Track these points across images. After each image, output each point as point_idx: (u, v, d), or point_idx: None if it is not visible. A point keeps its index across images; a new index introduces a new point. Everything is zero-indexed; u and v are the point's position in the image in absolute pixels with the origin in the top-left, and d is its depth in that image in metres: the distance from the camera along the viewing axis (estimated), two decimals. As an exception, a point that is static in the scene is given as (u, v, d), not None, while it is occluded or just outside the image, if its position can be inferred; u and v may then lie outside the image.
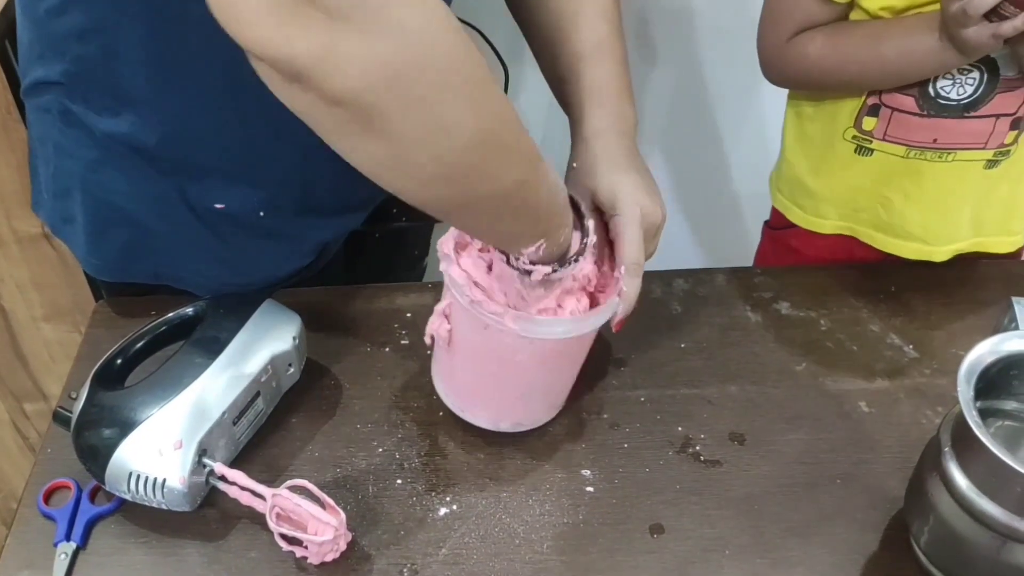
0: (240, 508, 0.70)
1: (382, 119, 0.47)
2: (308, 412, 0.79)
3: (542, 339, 0.67)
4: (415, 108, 0.47)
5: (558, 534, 0.70)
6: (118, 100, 0.73)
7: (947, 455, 0.61)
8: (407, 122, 0.48)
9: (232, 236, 0.81)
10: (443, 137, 0.49)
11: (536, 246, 0.62)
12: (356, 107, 0.46)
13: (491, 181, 0.54)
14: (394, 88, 0.46)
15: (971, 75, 0.79)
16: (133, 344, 0.75)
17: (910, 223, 0.89)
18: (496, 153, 0.53)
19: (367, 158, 0.51)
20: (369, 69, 0.45)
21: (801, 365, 0.84)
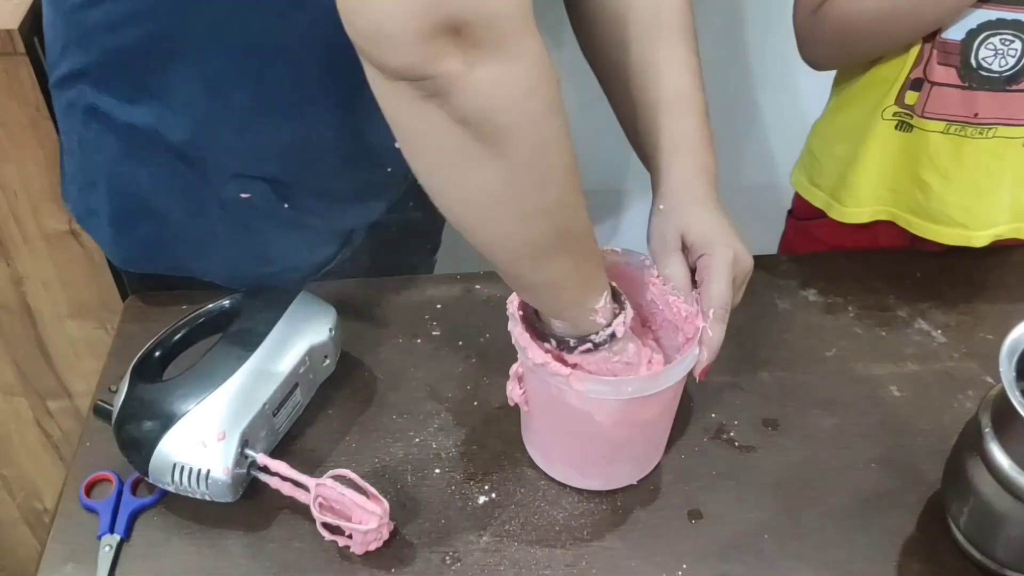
0: (281, 499, 0.70)
1: (504, 138, 0.52)
2: (344, 404, 0.79)
3: (615, 399, 0.65)
4: (532, 128, 0.52)
5: (597, 521, 0.71)
6: (145, 91, 0.73)
7: (988, 435, 0.61)
8: (524, 141, 0.52)
9: (257, 226, 0.81)
10: (550, 161, 0.54)
11: (603, 296, 0.63)
12: (483, 124, 0.51)
13: (576, 216, 0.58)
14: (520, 108, 0.51)
15: (1013, 45, 0.79)
16: (171, 337, 0.76)
17: (949, 206, 0.89)
18: (577, 186, 0.57)
19: (476, 189, 0.55)
20: (503, 87, 0.50)
21: (831, 351, 0.84)
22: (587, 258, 0.62)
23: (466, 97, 0.49)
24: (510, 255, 0.59)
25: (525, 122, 0.52)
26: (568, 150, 0.55)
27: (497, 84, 0.50)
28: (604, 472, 0.73)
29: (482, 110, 0.50)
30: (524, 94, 0.51)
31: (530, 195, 0.55)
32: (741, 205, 1.43)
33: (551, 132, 0.53)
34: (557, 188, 0.56)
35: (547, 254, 0.59)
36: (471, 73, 0.49)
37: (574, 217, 0.58)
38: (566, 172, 0.56)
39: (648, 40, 0.74)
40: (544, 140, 0.53)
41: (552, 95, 0.52)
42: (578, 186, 0.57)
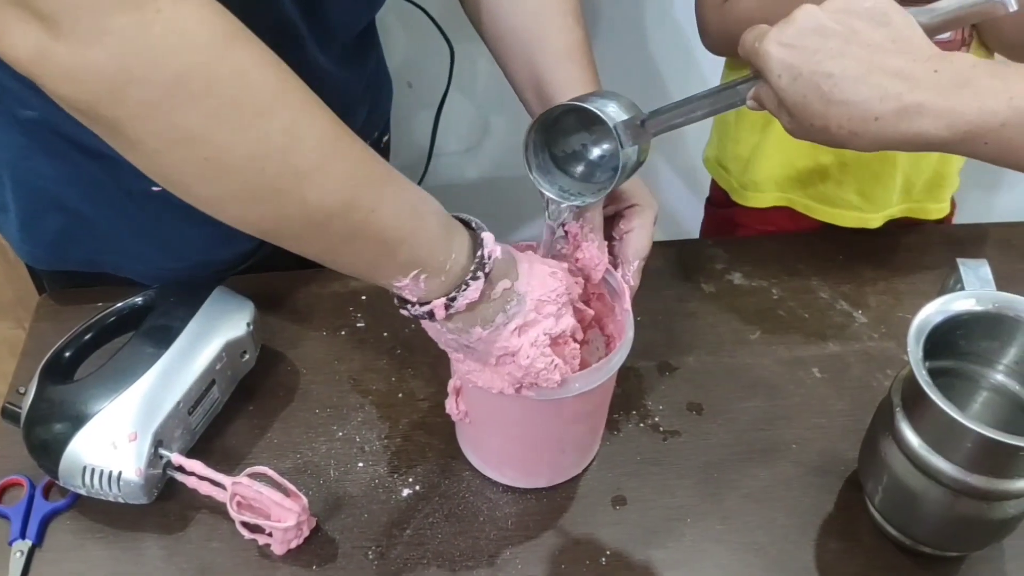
0: (199, 499, 0.69)
1: (123, 130, 0.45)
2: (265, 399, 0.78)
3: (558, 398, 0.62)
4: (150, 120, 0.45)
5: (522, 511, 0.71)
6: (27, 86, 0.71)
7: (899, 415, 0.62)
8: (147, 133, 0.46)
9: (169, 219, 0.79)
10: (195, 152, 0.47)
11: (411, 277, 0.56)
12: (92, 115, 0.45)
13: (295, 204, 0.50)
14: (120, 99, 0.44)
15: None
16: (81, 336, 0.74)
17: (847, 191, 0.90)
18: (287, 174, 0.49)
19: (142, 168, 0.49)
20: (84, 77, 0.43)
21: (755, 334, 0.85)
22: (348, 241, 0.54)
23: (50, 85, 0.43)
24: (239, 228, 0.53)
25: (135, 115, 0.44)
26: (242, 137, 0.47)
27: (75, 73, 0.42)
28: (550, 470, 0.72)
29: (74, 101, 0.43)
30: (118, 84, 0.42)
31: (196, 184, 0.49)
32: (662, 192, 1.45)
33: (187, 122, 0.45)
34: (235, 179, 0.48)
35: (270, 235, 0.53)
36: (43, 58, 0.41)
37: (294, 204, 0.50)
38: (248, 160, 0.47)
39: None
40: (179, 131, 0.45)
41: (175, 79, 0.43)
42: (292, 172, 0.49)
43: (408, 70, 1.31)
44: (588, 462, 0.74)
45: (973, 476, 0.59)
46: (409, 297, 0.58)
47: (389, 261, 0.55)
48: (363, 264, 0.56)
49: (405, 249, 0.55)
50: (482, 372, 0.62)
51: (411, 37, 1.27)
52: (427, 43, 0.99)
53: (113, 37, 0.42)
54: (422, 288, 0.57)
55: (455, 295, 0.57)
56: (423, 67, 1.27)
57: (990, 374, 0.66)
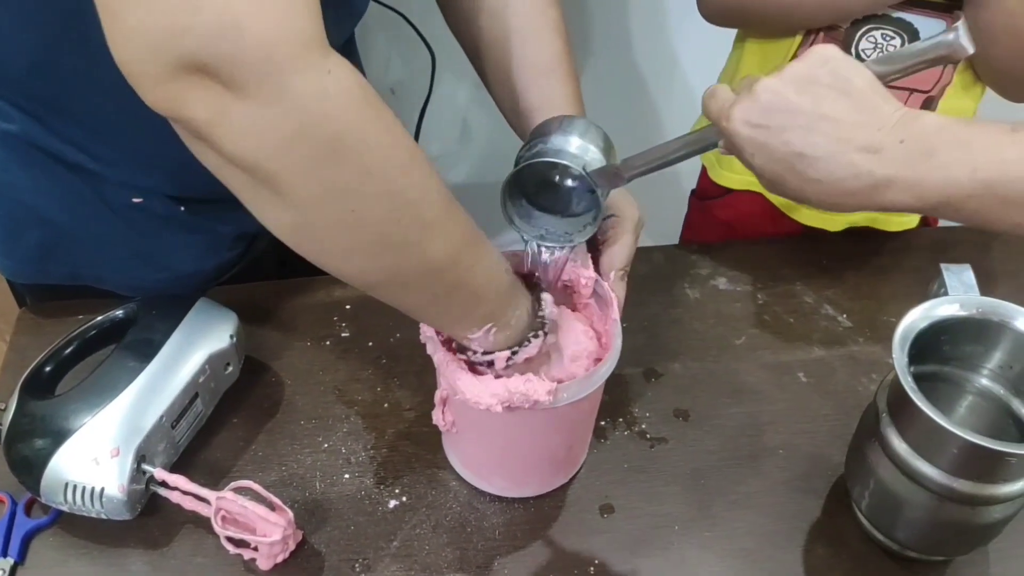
0: (184, 513, 0.68)
1: (278, 183, 0.47)
2: (249, 411, 0.77)
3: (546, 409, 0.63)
4: (310, 175, 0.47)
5: (509, 520, 0.70)
6: (19, 109, 0.70)
7: (884, 420, 0.62)
8: (303, 187, 0.48)
9: (151, 231, 0.79)
10: (344, 205, 0.49)
11: (484, 330, 0.60)
12: (256, 171, 0.47)
13: (418, 257, 0.53)
14: (287, 155, 0.46)
15: (893, 41, 0.80)
16: (62, 350, 0.73)
17: None
18: (416, 227, 0.52)
19: (277, 224, 0.51)
20: (261, 134, 0.45)
21: (740, 339, 0.85)
22: (448, 295, 0.57)
23: (222, 143, 0.45)
24: (346, 281, 0.56)
25: (298, 169, 0.47)
26: (382, 192, 0.50)
27: (252, 130, 0.45)
28: (538, 480, 0.72)
29: (243, 157, 0.46)
30: (288, 140, 0.45)
31: (334, 236, 0.51)
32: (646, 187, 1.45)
33: (341, 177, 0.48)
34: (370, 232, 0.51)
35: (381, 287, 0.56)
36: (221, 118, 0.44)
37: (414, 257, 0.53)
38: (385, 215, 0.50)
39: (517, 6, 0.73)
40: (332, 186, 0.48)
41: (336, 137, 0.47)
42: (419, 226, 0.52)
43: (390, 77, 1.31)
44: (575, 470, 0.74)
45: (959, 481, 0.59)
46: (476, 348, 0.61)
47: (472, 315, 0.59)
48: (450, 317, 0.60)
49: (486, 304, 0.60)
50: (472, 385, 0.62)
51: (393, 44, 1.27)
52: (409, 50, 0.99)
53: (292, 97, 0.44)
54: (490, 340, 0.61)
55: (518, 350, 0.62)
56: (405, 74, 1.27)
57: (975, 378, 0.66)
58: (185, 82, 0.43)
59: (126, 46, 0.44)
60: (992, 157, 0.51)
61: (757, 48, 0.90)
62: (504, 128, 0.77)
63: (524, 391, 0.60)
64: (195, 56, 0.42)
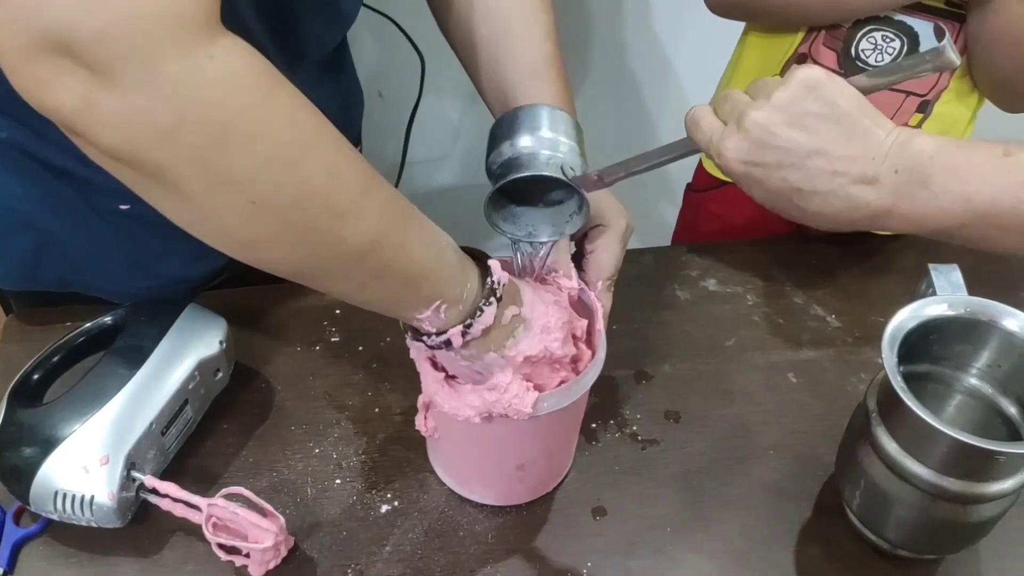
0: (174, 520, 0.68)
1: (164, 175, 0.45)
2: (240, 417, 0.77)
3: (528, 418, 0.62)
4: (197, 165, 0.44)
5: (501, 524, 0.70)
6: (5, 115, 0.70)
7: (874, 420, 0.63)
8: (192, 179, 0.45)
9: (140, 237, 0.78)
10: (240, 195, 0.46)
11: (433, 309, 0.57)
12: (134, 163, 0.44)
13: (332, 244, 0.51)
14: (168, 145, 0.43)
15: (892, 43, 0.81)
16: (50, 357, 0.72)
17: None
18: (328, 213, 0.49)
19: (174, 215, 0.48)
20: (134, 125, 0.42)
21: (731, 340, 0.85)
22: (377, 279, 0.54)
23: (94, 135, 0.42)
24: (268, 271, 0.53)
25: (182, 161, 0.43)
26: (284, 179, 0.47)
27: (124, 120, 0.41)
28: (521, 489, 0.72)
29: (119, 149, 0.42)
30: (166, 129, 0.42)
31: (238, 228, 0.48)
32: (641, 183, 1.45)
33: (233, 165, 0.45)
34: (274, 221, 0.48)
35: (302, 277, 0.53)
36: (90, 107, 0.40)
37: (330, 244, 0.51)
38: (290, 203, 0.47)
39: (508, 8, 0.73)
40: (223, 176, 0.45)
41: (222, 124, 0.43)
42: (330, 212, 0.49)
43: (379, 80, 1.31)
44: (559, 480, 0.73)
45: (948, 480, 0.59)
46: (428, 328, 0.59)
47: (414, 295, 0.57)
48: (389, 299, 0.57)
49: (428, 283, 0.57)
50: (449, 398, 0.62)
51: (382, 48, 1.27)
52: (398, 53, 0.99)
53: (166, 84, 0.41)
54: (442, 319, 0.58)
55: (471, 322, 0.59)
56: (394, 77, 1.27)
57: (964, 378, 0.67)
58: (49, 64, 0.40)
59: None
60: (983, 186, 0.51)
61: (758, 44, 0.91)
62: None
63: (503, 401, 0.60)
64: (56, 32, 0.39)
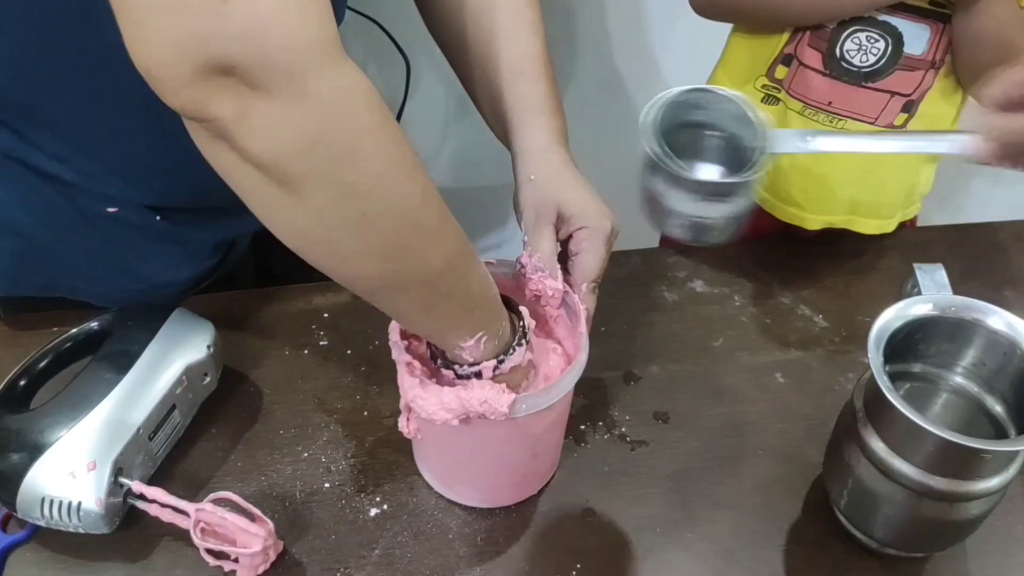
0: (162, 526, 0.68)
1: (298, 184, 0.48)
2: (228, 421, 0.77)
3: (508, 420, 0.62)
4: (329, 175, 0.48)
5: (491, 526, 0.70)
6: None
7: (861, 419, 0.63)
8: (321, 189, 0.48)
9: (127, 241, 0.78)
10: (357, 208, 0.50)
11: (476, 338, 0.60)
12: (272, 170, 0.47)
13: (416, 262, 0.54)
14: (308, 155, 0.47)
15: (877, 44, 0.81)
16: (37, 363, 0.72)
17: (791, 185, 0.91)
18: (419, 232, 0.53)
19: (287, 226, 0.51)
20: (283, 133, 0.46)
21: (718, 341, 0.85)
22: (444, 300, 0.58)
23: (245, 141, 0.46)
24: (347, 286, 0.56)
25: (318, 170, 0.48)
26: (391, 195, 0.51)
27: (275, 129, 0.46)
28: (505, 491, 0.72)
29: (264, 156, 0.47)
30: (311, 140, 0.46)
31: (342, 240, 0.51)
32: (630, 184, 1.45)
33: (357, 178, 0.49)
34: (376, 235, 0.52)
35: (381, 292, 0.56)
36: (246, 117, 0.45)
37: (415, 262, 0.54)
38: (393, 218, 0.51)
39: (493, 6, 0.73)
40: (348, 187, 0.49)
41: (355, 138, 0.48)
42: (420, 231, 0.53)
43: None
44: (544, 483, 0.73)
45: (935, 479, 0.59)
46: (467, 358, 0.62)
47: (466, 322, 0.60)
48: (444, 324, 0.60)
49: (478, 313, 0.60)
50: (426, 402, 0.62)
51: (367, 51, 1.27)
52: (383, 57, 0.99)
53: (314, 99, 0.45)
54: (481, 350, 0.61)
55: (503, 358, 0.62)
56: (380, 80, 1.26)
57: (950, 376, 0.67)
58: (211, 84, 0.44)
59: (151, 53, 0.44)
60: None
61: (744, 45, 0.91)
62: (479, 134, 0.77)
63: (480, 402, 0.60)
64: (222, 59, 0.43)
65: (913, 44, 0.81)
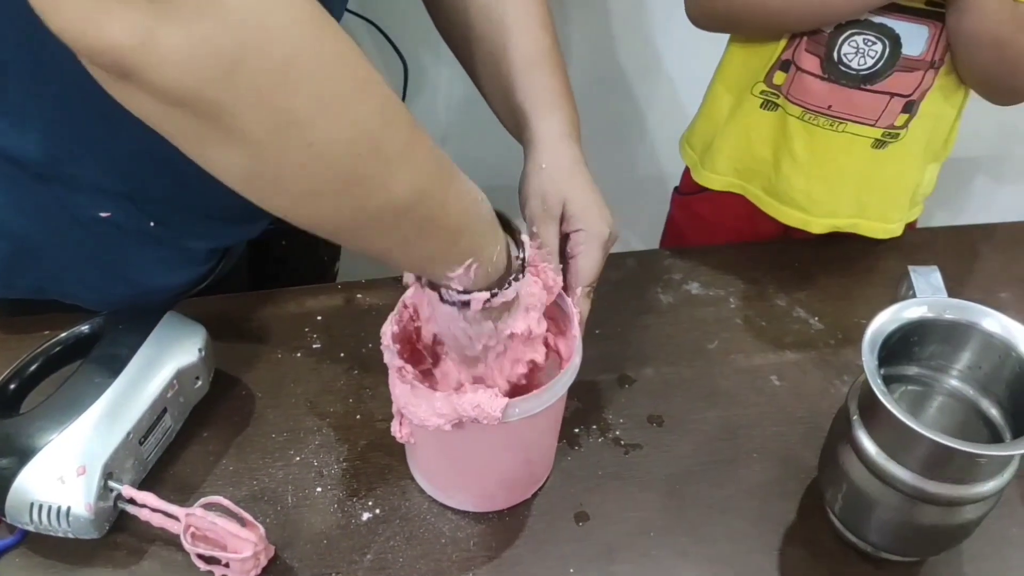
0: (153, 531, 0.67)
1: (225, 117, 0.42)
2: (220, 425, 0.76)
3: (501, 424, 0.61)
4: (260, 103, 0.42)
5: (483, 530, 0.70)
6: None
7: (856, 423, 0.63)
8: (254, 120, 0.43)
9: (120, 245, 0.77)
10: (300, 138, 0.44)
11: (465, 267, 0.56)
12: (194, 104, 0.42)
13: (377, 193, 0.49)
14: (232, 80, 0.41)
15: (874, 47, 0.81)
16: (27, 367, 0.71)
17: (794, 189, 0.91)
18: (377, 160, 0.47)
19: (226, 168, 0.46)
20: (197, 58, 0.40)
21: (714, 343, 0.85)
22: (419, 232, 0.52)
23: (155, 75, 0.39)
24: (309, 229, 0.50)
25: (245, 98, 0.41)
26: (339, 120, 0.45)
27: (187, 53, 0.39)
28: (499, 495, 0.71)
29: (179, 88, 0.40)
30: (231, 62, 0.40)
31: (290, 176, 0.45)
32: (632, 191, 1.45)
33: (294, 103, 0.43)
34: (328, 167, 0.46)
35: (346, 231, 0.51)
36: (149, 41, 0.39)
37: (378, 193, 0.48)
38: (345, 146, 0.45)
39: (503, 1, 0.73)
40: (284, 114, 0.43)
41: (287, 56, 0.42)
42: (380, 158, 0.48)
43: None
44: (538, 486, 0.73)
45: (930, 483, 0.59)
46: (457, 286, 0.57)
47: (451, 250, 0.55)
48: (427, 255, 0.55)
49: (466, 238, 0.55)
50: (418, 407, 0.61)
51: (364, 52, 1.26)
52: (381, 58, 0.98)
53: (230, 13, 0.39)
54: (471, 279, 0.57)
55: (496, 291, 0.58)
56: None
57: (945, 379, 0.67)
58: (103, 3, 0.38)
59: None
60: None
61: (741, 52, 0.91)
62: (478, 136, 0.77)
63: (473, 407, 0.60)
64: None
65: (911, 45, 0.81)
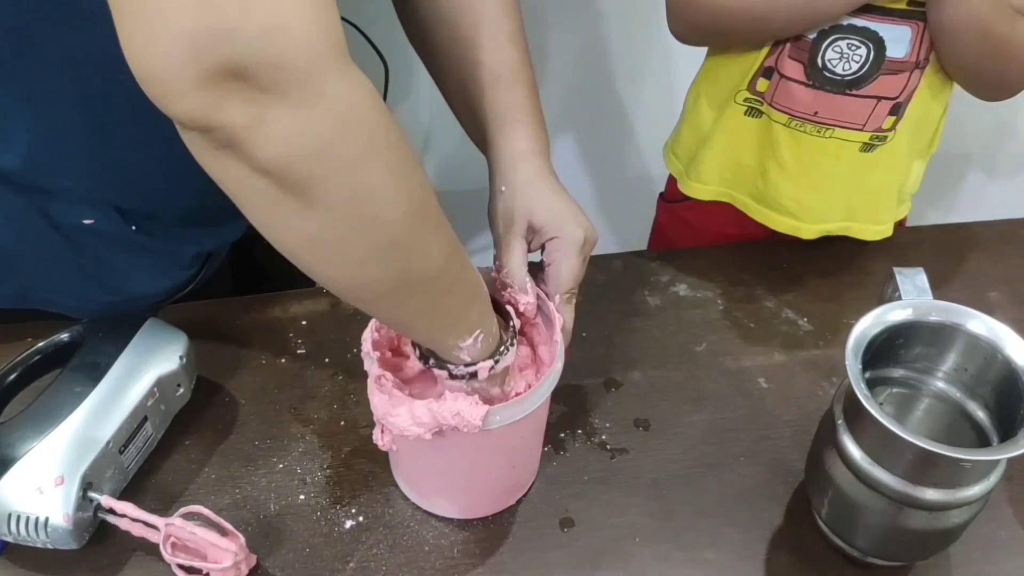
0: (133, 541, 0.67)
1: (311, 189, 0.47)
2: (202, 433, 0.76)
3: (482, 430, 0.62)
4: (344, 177, 0.47)
5: (467, 537, 0.69)
6: None
7: (841, 428, 0.62)
8: (336, 191, 0.47)
9: (101, 252, 0.77)
10: (373, 208, 0.49)
11: (473, 337, 0.60)
12: (286, 176, 0.46)
13: (424, 258, 0.53)
14: (324, 157, 0.46)
15: (859, 51, 0.80)
16: (6, 376, 0.71)
17: (783, 196, 0.90)
18: (425, 227, 0.53)
19: (296, 235, 0.50)
20: (300, 137, 0.45)
21: (701, 346, 0.84)
22: (445, 297, 0.57)
23: (258, 149, 0.44)
24: (348, 295, 0.55)
25: (333, 172, 0.47)
26: (401, 192, 0.50)
27: (291, 134, 0.44)
28: (483, 502, 0.71)
29: (278, 162, 0.45)
30: (327, 142, 0.45)
31: (354, 242, 0.50)
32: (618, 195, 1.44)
33: (370, 178, 0.48)
34: (387, 234, 0.51)
35: (389, 296, 0.55)
36: (260, 123, 0.43)
37: (421, 258, 0.53)
38: (401, 215, 0.50)
39: (473, 15, 0.72)
40: (362, 187, 0.48)
41: (368, 138, 0.47)
42: (425, 226, 0.53)
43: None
44: (523, 493, 0.72)
45: (916, 488, 0.58)
46: (465, 358, 0.61)
47: (465, 319, 0.59)
48: (446, 322, 0.59)
49: (476, 308, 0.60)
50: (398, 417, 0.61)
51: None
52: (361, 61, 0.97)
53: (330, 100, 0.44)
54: (478, 349, 0.61)
55: (499, 358, 0.62)
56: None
57: (931, 381, 0.66)
58: (221, 88, 0.42)
59: (158, 51, 0.41)
60: None
61: (722, 60, 0.89)
62: (459, 138, 0.76)
63: (453, 415, 0.59)
64: (239, 59, 0.41)
65: (895, 47, 0.80)
